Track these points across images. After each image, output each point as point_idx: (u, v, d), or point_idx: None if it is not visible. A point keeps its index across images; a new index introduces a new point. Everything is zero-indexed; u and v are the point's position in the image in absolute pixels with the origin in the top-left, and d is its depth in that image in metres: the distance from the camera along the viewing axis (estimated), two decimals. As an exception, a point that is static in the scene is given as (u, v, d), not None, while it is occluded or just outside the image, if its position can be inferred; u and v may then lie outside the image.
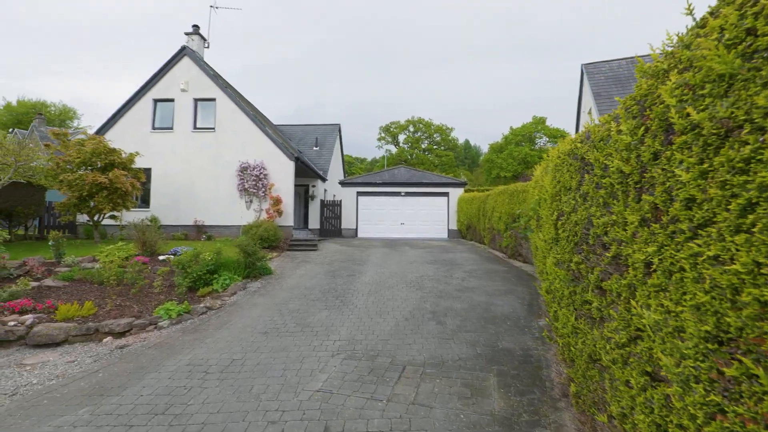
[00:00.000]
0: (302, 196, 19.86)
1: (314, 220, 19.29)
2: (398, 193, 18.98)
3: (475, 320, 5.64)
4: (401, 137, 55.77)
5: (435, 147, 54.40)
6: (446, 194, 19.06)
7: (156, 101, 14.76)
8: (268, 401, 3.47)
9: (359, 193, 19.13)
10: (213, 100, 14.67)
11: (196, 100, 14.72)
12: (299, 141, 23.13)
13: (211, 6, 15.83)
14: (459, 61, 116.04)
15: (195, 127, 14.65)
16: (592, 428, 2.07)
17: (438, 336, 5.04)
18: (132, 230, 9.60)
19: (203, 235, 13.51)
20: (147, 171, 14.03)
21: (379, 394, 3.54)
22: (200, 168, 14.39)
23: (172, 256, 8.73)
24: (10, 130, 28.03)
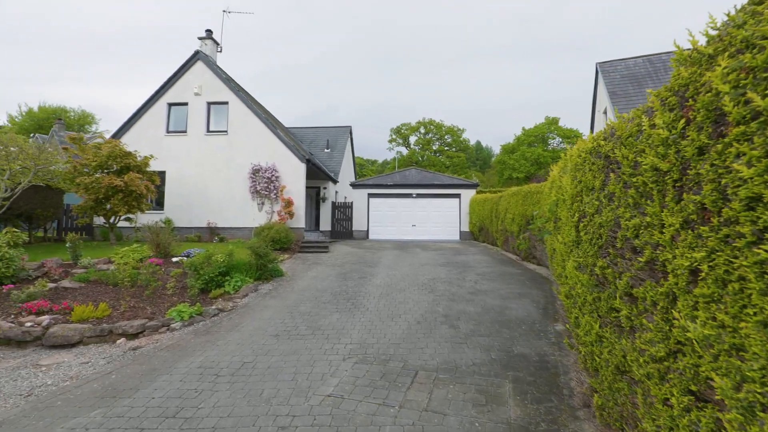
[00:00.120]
0: (313, 198, 19.92)
1: (325, 222, 19.32)
2: (409, 195, 18.88)
3: (489, 324, 5.51)
4: (412, 139, 55.62)
5: (446, 148, 54.09)
6: (458, 196, 18.88)
7: (170, 105, 14.99)
8: (278, 406, 3.42)
9: (370, 195, 19.09)
10: (226, 103, 14.82)
11: (209, 104, 14.90)
12: (311, 143, 23.24)
13: (224, 11, 16.04)
14: (471, 62, 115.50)
15: (208, 130, 14.82)
16: (618, 443, 1.95)
17: (451, 340, 4.93)
18: (146, 232, 9.72)
19: (216, 237, 13.64)
20: (161, 174, 14.25)
21: (391, 400, 3.47)
22: (213, 170, 14.55)
23: (185, 258, 8.80)
24: (32, 135, 28.87)
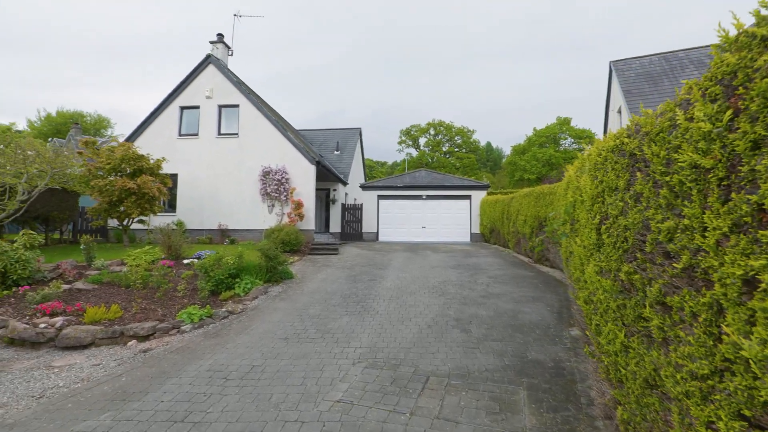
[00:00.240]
0: (323, 200, 19.95)
1: (335, 224, 19.32)
2: (419, 197, 18.78)
3: (502, 328, 5.39)
4: (422, 140, 55.47)
5: (456, 150, 53.80)
6: (468, 197, 18.71)
7: (182, 108, 15.18)
8: (287, 411, 3.37)
9: (380, 197, 19.03)
10: (236, 106, 14.94)
11: (221, 107, 15.04)
12: (320, 145, 23.30)
13: (235, 14, 16.19)
14: (481, 63, 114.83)
15: (219, 133, 14.96)
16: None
17: (463, 345, 4.83)
18: (158, 234, 9.82)
19: (226, 239, 13.72)
20: (173, 176, 14.42)
21: (401, 407, 3.38)
22: (224, 173, 14.67)
23: (196, 260, 8.85)
24: (50, 139, 29.60)
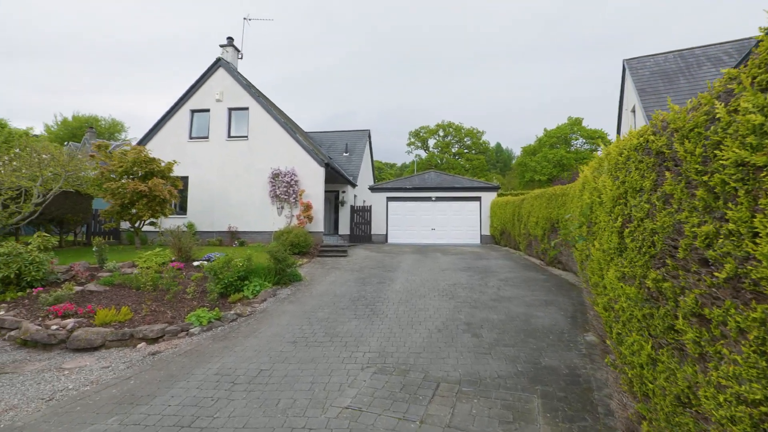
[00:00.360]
0: (332, 202, 19.95)
1: (344, 226, 19.30)
2: (429, 198, 18.65)
3: (514, 333, 5.25)
4: (431, 142, 55.27)
5: (465, 151, 53.46)
6: (478, 199, 18.52)
7: (193, 112, 15.32)
8: (294, 417, 3.30)
9: (389, 199, 18.96)
10: (246, 108, 15.03)
11: (230, 110, 15.14)
12: (329, 147, 23.34)
13: (245, 18, 16.31)
14: (491, 63, 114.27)
15: (229, 136, 15.05)
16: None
17: (474, 350, 4.71)
18: (169, 236, 9.89)
19: (236, 241, 13.78)
20: (184, 179, 14.55)
21: (411, 414, 3.29)
22: (234, 175, 14.75)
23: (206, 262, 8.88)
24: (66, 143, 30.27)
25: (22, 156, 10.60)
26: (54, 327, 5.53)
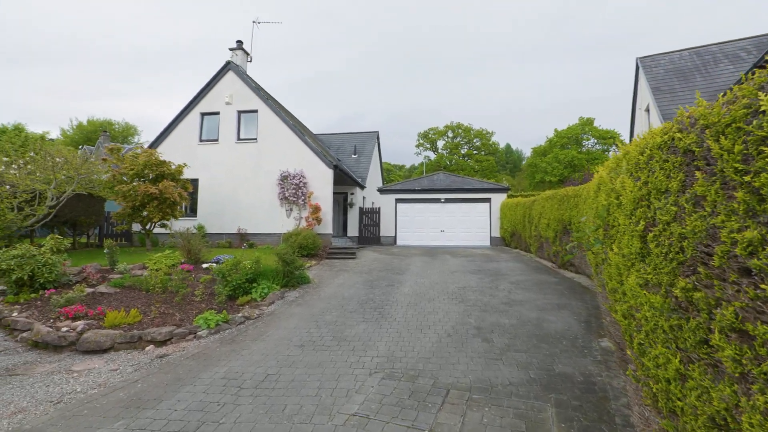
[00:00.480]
0: (341, 204, 19.93)
1: (353, 228, 19.26)
2: (438, 200, 18.51)
3: (526, 338, 5.12)
4: (440, 143, 55.04)
5: (475, 152, 53.10)
6: (488, 200, 18.32)
7: (203, 115, 15.45)
8: (300, 424, 3.23)
9: (398, 200, 18.87)
10: (255, 111, 15.10)
11: (240, 112, 15.23)
12: (338, 149, 23.36)
13: (254, 21, 16.43)
14: (500, 64, 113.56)
15: (238, 138, 15.14)
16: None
17: (484, 355, 4.59)
18: (179, 239, 9.94)
19: (245, 243, 13.83)
20: (194, 181, 14.67)
21: (420, 423, 3.19)
22: (243, 177, 14.82)
23: (215, 264, 8.90)
24: (80, 146, 30.88)
25: (37, 159, 10.79)
26: (64, 329, 5.56)
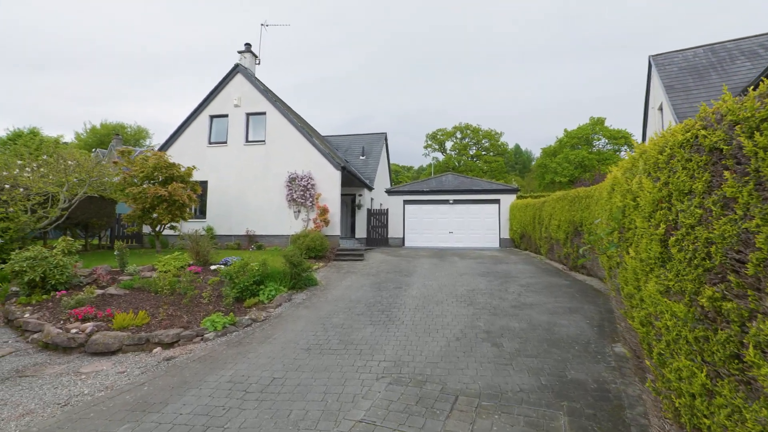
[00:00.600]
0: (349, 206, 19.92)
1: (361, 230, 19.23)
2: (446, 201, 18.38)
3: (537, 343, 5.00)
4: (448, 144, 54.82)
5: (483, 153, 52.74)
6: (497, 201, 18.14)
7: (212, 117, 15.57)
8: (306, 430, 3.18)
9: (406, 202, 18.79)
10: (263, 113, 15.17)
11: (248, 115, 15.31)
12: (346, 151, 23.37)
13: (262, 24, 16.52)
14: (509, 64, 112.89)
15: (247, 141, 15.22)
16: None
17: (494, 361, 4.49)
18: (187, 240, 10.00)
19: (253, 245, 13.87)
20: (203, 184, 14.77)
21: (428, 430, 3.11)
22: (252, 179, 14.88)
23: (223, 266, 8.92)
24: (93, 149, 31.44)
25: (50, 162, 10.95)
26: (74, 330, 5.60)
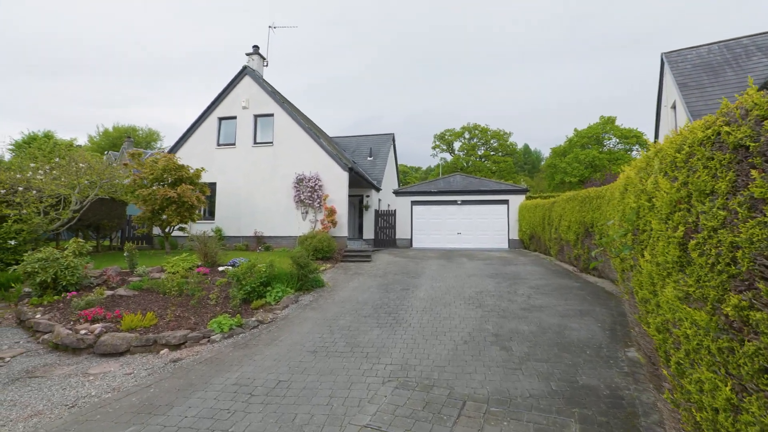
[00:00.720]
0: (356, 207, 19.90)
1: (368, 231, 19.19)
2: (454, 202, 18.25)
3: (547, 347, 4.89)
4: (456, 144, 54.52)
5: (492, 153, 52.34)
6: (506, 202, 17.95)
7: (220, 119, 15.69)
8: (310, 435, 3.13)
9: (414, 203, 18.70)
10: (271, 115, 15.23)
11: (256, 116, 15.39)
12: (353, 152, 23.36)
13: (270, 26, 16.61)
14: (518, 64, 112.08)
15: (255, 142, 15.30)
16: None
17: (503, 365, 4.40)
18: (196, 242, 10.06)
19: (261, 246, 13.92)
20: (212, 185, 14.88)
21: (435, 437, 3.04)
22: (259, 181, 14.95)
23: (231, 267, 8.94)
24: (106, 152, 31.93)
25: (62, 164, 11.12)
26: (83, 332, 5.64)
